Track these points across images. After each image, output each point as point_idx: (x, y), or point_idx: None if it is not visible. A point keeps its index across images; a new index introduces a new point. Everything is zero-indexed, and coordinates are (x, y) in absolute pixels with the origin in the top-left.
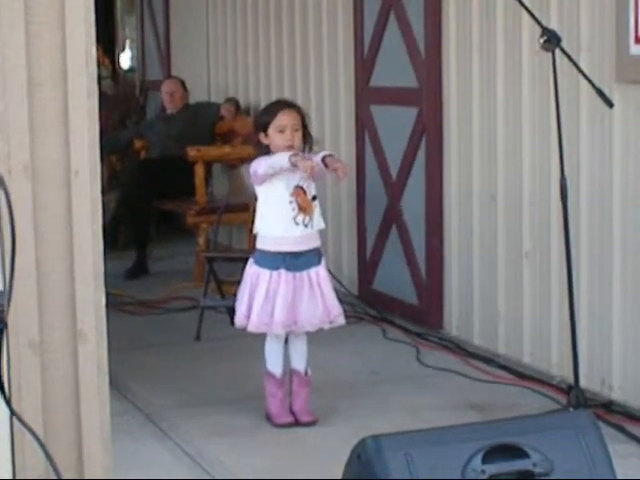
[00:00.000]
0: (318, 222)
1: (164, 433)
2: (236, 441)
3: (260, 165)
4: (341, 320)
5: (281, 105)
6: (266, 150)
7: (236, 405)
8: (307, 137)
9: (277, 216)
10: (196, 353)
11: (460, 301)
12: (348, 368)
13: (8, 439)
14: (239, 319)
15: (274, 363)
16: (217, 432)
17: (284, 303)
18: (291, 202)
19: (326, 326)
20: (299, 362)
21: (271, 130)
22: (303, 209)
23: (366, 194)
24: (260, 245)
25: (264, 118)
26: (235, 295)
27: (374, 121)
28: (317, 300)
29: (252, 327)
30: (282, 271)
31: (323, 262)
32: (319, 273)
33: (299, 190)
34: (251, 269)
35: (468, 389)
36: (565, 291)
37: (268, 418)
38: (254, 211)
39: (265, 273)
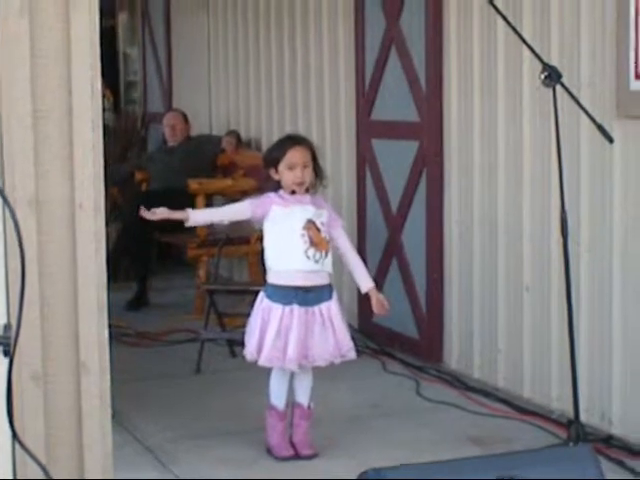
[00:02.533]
0: (329, 263)
1: (164, 465)
2: (236, 473)
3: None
4: (352, 355)
5: (291, 142)
6: (277, 185)
7: (237, 437)
8: (318, 172)
9: (288, 248)
10: (196, 385)
11: (460, 334)
12: (348, 401)
13: (9, 441)
14: (250, 352)
15: (278, 396)
16: (217, 464)
17: (297, 339)
18: (303, 235)
19: (337, 360)
20: (303, 396)
21: (281, 167)
22: (315, 244)
23: (367, 227)
24: (272, 279)
25: (274, 154)
26: (236, 328)
27: (375, 154)
28: (328, 335)
29: (264, 361)
30: (294, 306)
31: (335, 297)
32: (330, 308)
33: (311, 224)
34: (263, 303)
35: (468, 423)
36: (565, 325)
37: (269, 451)
38: (256, 243)
39: (278, 308)
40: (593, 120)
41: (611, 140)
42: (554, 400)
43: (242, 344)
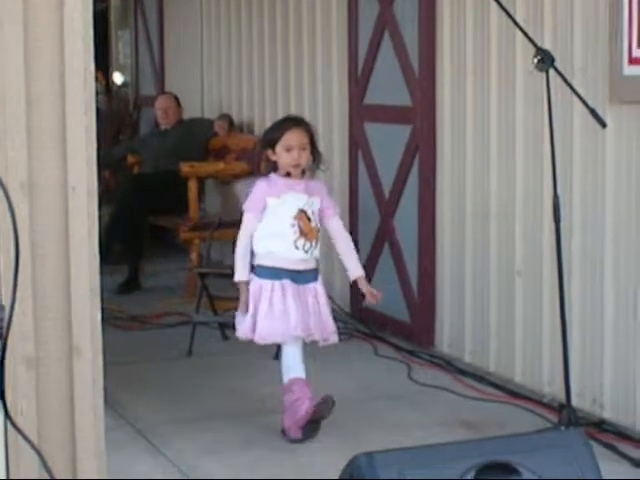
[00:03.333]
0: (317, 251)
1: (156, 448)
2: (228, 457)
3: (249, 207)
4: (334, 338)
5: (290, 123)
6: (273, 167)
7: (228, 421)
8: (316, 155)
9: (278, 238)
10: (188, 368)
11: (452, 319)
12: (339, 385)
13: (3, 453)
14: (243, 332)
15: (295, 368)
16: (209, 448)
17: (296, 307)
18: (293, 225)
19: (321, 342)
20: (302, 369)
21: (278, 148)
22: (304, 234)
23: (359, 211)
24: (258, 261)
25: (272, 135)
26: (228, 311)
27: (367, 139)
28: (319, 313)
29: (258, 338)
30: (286, 281)
31: (320, 279)
32: (317, 289)
33: (302, 214)
34: (252, 283)
35: (459, 407)
36: (557, 309)
37: (288, 430)
38: None
39: (267, 283)
40: (586, 105)
41: (604, 125)
42: (546, 384)
43: (234, 327)
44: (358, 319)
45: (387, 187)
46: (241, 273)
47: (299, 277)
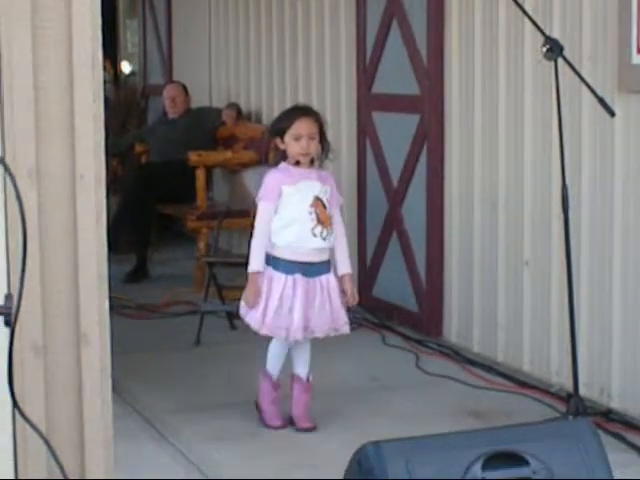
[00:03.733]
0: (332, 239)
1: (163, 437)
2: (235, 446)
3: (266, 197)
4: (346, 329)
5: (299, 112)
6: (283, 155)
7: (236, 409)
8: (324, 145)
9: (296, 226)
10: (196, 357)
11: (460, 308)
12: (347, 374)
13: (10, 441)
14: (255, 320)
15: (274, 365)
16: (217, 436)
17: (301, 309)
18: (310, 213)
19: (332, 333)
20: (302, 368)
21: (287, 137)
22: (321, 221)
23: (367, 201)
24: (276, 253)
25: (281, 124)
26: (235, 300)
27: (376, 128)
28: (326, 306)
29: (266, 330)
30: (297, 276)
31: (332, 270)
32: (329, 280)
33: (318, 201)
34: (266, 271)
35: (467, 396)
36: (565, 299)
37: (261, 416)
38: (254, 217)
39: (280, 277)
40: (595, 94)
41: (612, 114)
42: (554, 374)
43: (239, 316)
44: (366, 308)
45: (395, 176)
46: (257, 263)
47: (311, 270)
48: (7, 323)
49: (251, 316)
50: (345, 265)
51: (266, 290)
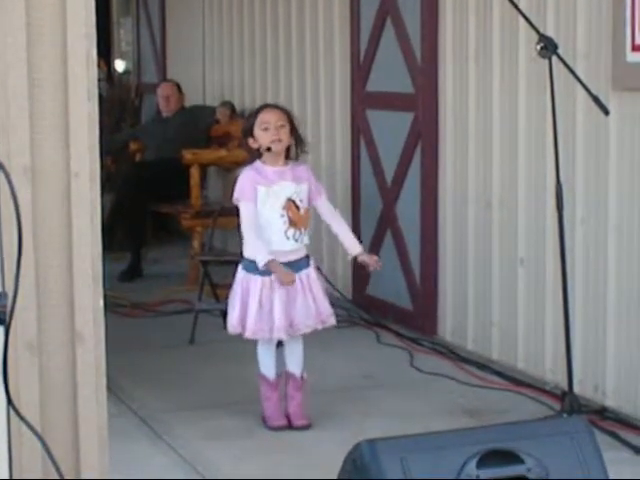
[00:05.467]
0: (307, 238)
1: (158, 436)
2: (230, 444)
3: (244, 195)
4: (332, 320)
5: (263, 106)
6: (258, 154)
7: (231, 408)
8: (298, 139)
9: (268, 229)
10: (190, 356)
11: (454, 306)
12: (342, 372)
13: (5, 440)
14: (233, 325)
15: (267, 366)
16: (212, 435)
17: (282, 308)
18: (282, 216)
19: (319, 326)
20: (295, 366)
21: (256, 130)
22: (294, 223)
23: (361, 199)
24: (248, 254)
25: (248, 121)
26: (229, 299)
27: (370, 126)
28: (309, 301)
29: (249, 334)
30: (274, 277)
31: (312, 263)
32: (309, 275)
33: (290, 203)
34: (240, 275)
35: (462, 394)
36: (559, 297)
37: (263, 420)
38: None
39: (256, 280)
40: (589, 92)
41: (607, 112)
42: (548, 372)
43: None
44: (360, 306)
45: (389, 174)
46: (263, 255)
47: (289, 268)
48: (1, 322)
49: (231, 322)
50: (355, 246)
51: (243, 294)
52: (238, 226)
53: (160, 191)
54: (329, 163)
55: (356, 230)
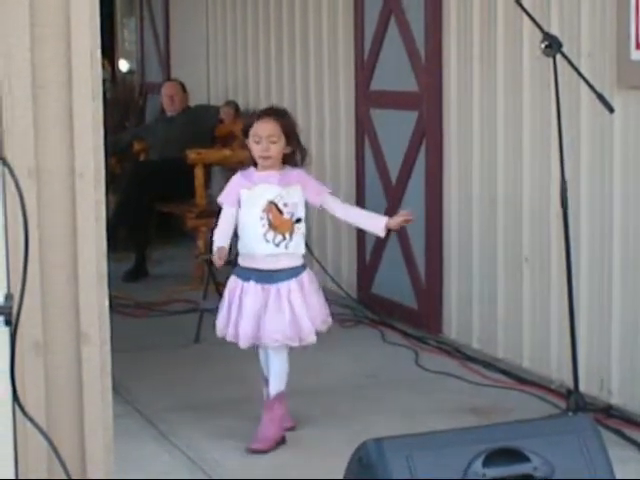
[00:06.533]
0: (296, 245)
1: (164, 435)
2: (236, 444)
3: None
4: (312, 339)
5: (260, 114)
6: (254, 162)
7: (236, 407)
8: (297, 149)
9: (247, 232)
10: (195, 356)
11: (459, 305)
12: (347, 371)
13: (11, 441)
14: (219, 328)
15: (263, 368)
16: (217, 435)
17: (250, 315)
18: (262, 218)
19: (295, 344)
20: (272, 384)
21: (249, 140)
22: (275, 227)
23: (366, 198)
24: (239, 260)
25: (245, 126)
26: None
27: (374, 125)
28: (284, 315)
29: (218, 332)
30: (251, 282)
31: (300, 278)
32: (291, 288)
33: (272, 206)
34: (229, 281)
35: (467, 393)
36: (565, 296)
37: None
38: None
39: (238, 283)
40: (593, 90)
41: (612, 110)
42: (553, 370)
43: None
44: (365, 305)
45: (394, 173)
46: (219, 242)
47: (268, 277)
48: (7, 322)
49: (218, 326)
50: (378, 225)
51: (230, 297)
52: None
53: (164, 191)
54: (333, 162)
55: (361, 229)
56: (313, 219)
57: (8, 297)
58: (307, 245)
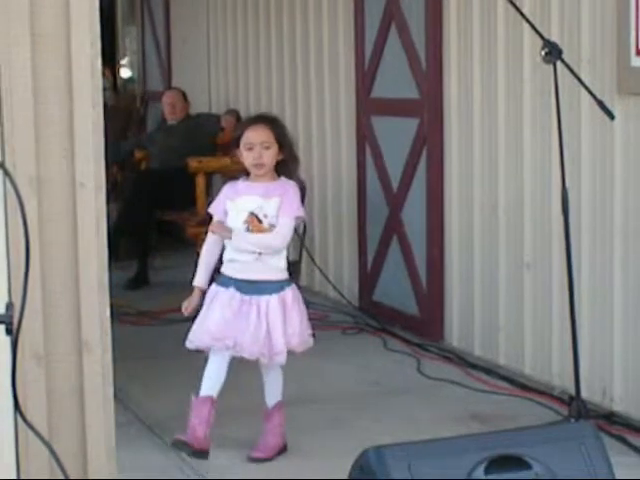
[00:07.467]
0: (277, 259)
1: (166, 444)
2: (237, 452)
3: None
4: (280, 359)
5: (251, 121)
6: (246, 172)
7: (238, 416)
8: (289, 156)
9: (229, 241)
10: (197, 364)
11: (461, 312)
12: (349, 379)
13: (13, 449)
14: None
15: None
16: (219, 443)
17: (221, 316)
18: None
19: (265, 360)
20: (270, 394)
21: (241, 148)
22: None
23: (367, 205)
24: (222, 268)
25: (236, 135)
26: None
27: (375, 132)
28: (261, 330)
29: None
30: (231, 289)
31: (281, 293)
32: (269, 303)
33: (252, 217)
34: (210, 287)
35: (469, 400)
36: (566, 302)
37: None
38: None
39: (218, 290)
40: (594, 96)
41: (612, 116)
42: (555, 377)
43: None
44: (367, 313)
45: (395, 180)
46: (199, 278)
47: (248, 287)
48: (8, 332)
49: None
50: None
51: (208, 303)
52: None
53: (166, 199)
54: (335, 169)
55: (362, 236)
56: (315, 227)
57: (9, 306)
58: (309, 253)
